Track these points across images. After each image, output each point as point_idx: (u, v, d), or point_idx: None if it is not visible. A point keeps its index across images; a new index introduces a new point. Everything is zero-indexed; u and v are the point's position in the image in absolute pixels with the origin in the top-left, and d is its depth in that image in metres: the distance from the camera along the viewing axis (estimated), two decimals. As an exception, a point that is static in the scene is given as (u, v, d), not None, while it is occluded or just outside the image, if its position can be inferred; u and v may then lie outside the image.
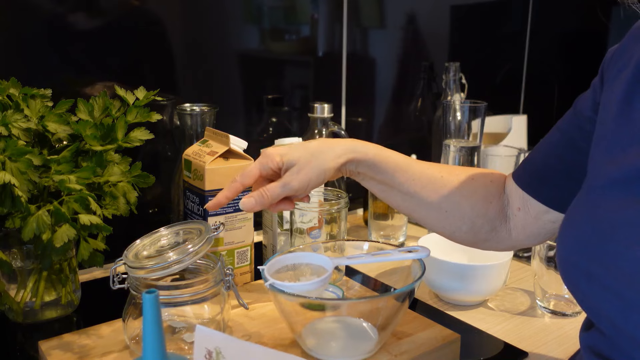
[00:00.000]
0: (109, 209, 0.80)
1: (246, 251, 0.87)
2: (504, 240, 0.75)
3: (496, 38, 1.63)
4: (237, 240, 0.86)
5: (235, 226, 0.85)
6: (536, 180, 0.71)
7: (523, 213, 0.72)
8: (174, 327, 0.75)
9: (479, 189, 0.74)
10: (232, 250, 0.86)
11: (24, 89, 0.79)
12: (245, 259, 0.87)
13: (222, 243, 0.85)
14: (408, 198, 0.73)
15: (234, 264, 0.86)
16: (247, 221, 0.86)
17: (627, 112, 0.55)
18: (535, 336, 0.83)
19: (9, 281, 0.81)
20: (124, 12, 1.00)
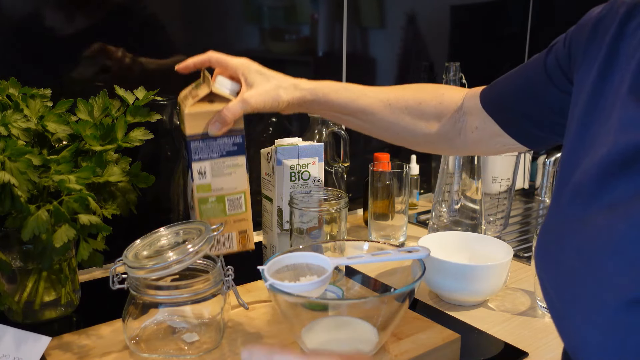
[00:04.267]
0: (108, 209, 0.80)
1: (239, 198, 0.79)
2: (458, 149, 0.85)
3: (496, 38, 1.63)
4: (227, 187, 0.78)
5: (224, 172, 0.78)
6: (500, 104, 0.77)
7: (479, 132, 0.79)
8: (174, 327, 0.75)
9: (427, 110, 0.82)
10: (221, 196, 0.78)
11: (24, 89, 0.79)
12: (238, 206, 0.79)
13: (209, 189, 0.77)
14: (360, 124, 0.85)
15: (225, 211, 0.79)
16: (238, 168, 0.78)
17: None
18: (535, 336, 0.83)
19: (9, 281, 0.81)
20: (124, 12, 1.00)
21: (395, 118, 0.82)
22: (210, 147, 0.76)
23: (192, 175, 0.76)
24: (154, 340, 0.74)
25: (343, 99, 0.81)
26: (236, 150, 0.77)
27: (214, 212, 0.78)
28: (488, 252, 0.94)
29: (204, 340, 0.74)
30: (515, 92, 0.75)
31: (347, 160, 1.15)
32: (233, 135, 0.77)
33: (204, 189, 0.77)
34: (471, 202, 1.10)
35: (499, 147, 0.80)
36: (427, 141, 0.84)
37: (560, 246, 0.52)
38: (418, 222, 1.30)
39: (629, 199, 0.46)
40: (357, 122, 0.84)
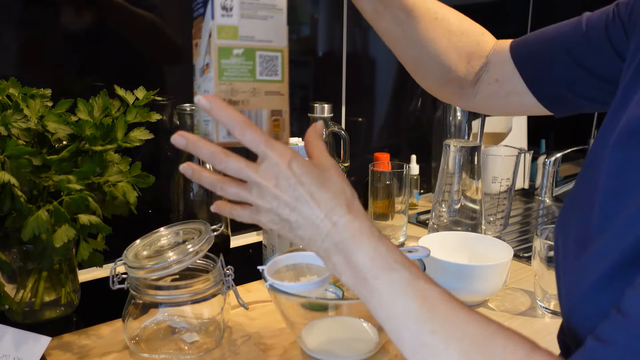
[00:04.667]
0: (108, 209, 0.80)
1: (275, 59, 0.57)
2: (465, 99, 0.77)
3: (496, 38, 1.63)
4: (259, 37, 0.56)
5: (257, 14, 0.56)
6: (532, 60, 0.70)
7: (498, 85, 0.73)
8: (174, 327, 0.75)
9: (465, 44, 0.74)
10: (251, 49, 0.56)
11: (24, 89, 0.79)
12: (273, 70, 0.57)
13: (235, 34, 0.55)
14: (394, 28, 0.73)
15: (255, 73, 0.56)
16: (276, 12, 0.57)
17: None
18: (535, 336, 0.82)
19: (9, 281, 0.81)
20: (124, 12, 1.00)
21: (435, 37, 0.72)
22: None
23: (212, 9, 0.55)
24: (154, 340, 0.74)
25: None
26: None
27: (238, 71, 0.55)
28: (488, 252, 0.94)
29: (203, 340, 0.74)
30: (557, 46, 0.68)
31: (347, 160, 1.15)
32: None
33: (227, 33, 0.55)
34: (471, 202, 1.10)
35: (513, 107, 0.74)
36: (446, 79, 0.75)
37: (571, 215, 0.53)
38: (418, 222, 1.30)
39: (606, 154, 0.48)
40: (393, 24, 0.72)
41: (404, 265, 0.51)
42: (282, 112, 0.58)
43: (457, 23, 0.74)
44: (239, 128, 0.51)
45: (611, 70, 0.62)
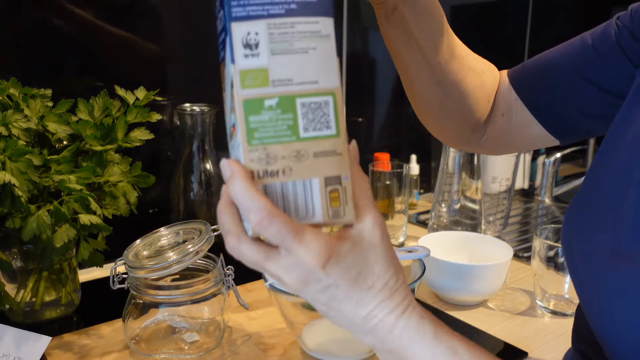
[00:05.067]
0: (109, 209, 0.80)
1: (324, 104, 0.42)
2: (474, 141, 0.72)
3: (496, 38, 1.63)
4: (299, 79, 0.41)
5: (292, 46, 0.41)
6: (533, 84, 0.67)
7: (505, 120, 0.69)
8: (174, 327, 0.75)
9: (487, 83, 0.69)
10: (289, 98, 0.41)
11: (24, 89, 0.79)
12: (323, 121, 0.42)
13: (265, 80, 0.41)
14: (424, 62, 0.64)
15: (297, 131, 0.41)
16: (320, 40, 0.42)
17: None
18: (535, 336, 0.83)
19: (9, 281, 0.81)
20: (124, 12, 1.00)
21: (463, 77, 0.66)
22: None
23: (230, 50, 0.41)
24: (154, 340, 0.74)
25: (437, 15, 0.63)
26: (315, 5, 0.42)
27: (274, 130, 0.41)
28: (488, 252, 0.94)
29: (204, 340, 0.74)
30: (564, 66, 0.64)
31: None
32: None
33: (254, 79, 0.41)
34: (471, 202, 1.10)
35: (520, 141, 0.70)
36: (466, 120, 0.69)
37: (592, 219, 0.51)
38: (418, 222, 1.30)
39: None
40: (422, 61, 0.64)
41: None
42: (342, 179, 0.42)
43: (475, 60, 0.70)
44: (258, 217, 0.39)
45: (624, 82, 0.60)
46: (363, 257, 0.42)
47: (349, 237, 0.42)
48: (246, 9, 0.41)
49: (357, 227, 0.42)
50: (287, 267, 0.41)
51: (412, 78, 0.68)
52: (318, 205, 0.41)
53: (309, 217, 0.41)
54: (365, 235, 0.42)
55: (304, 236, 0.39)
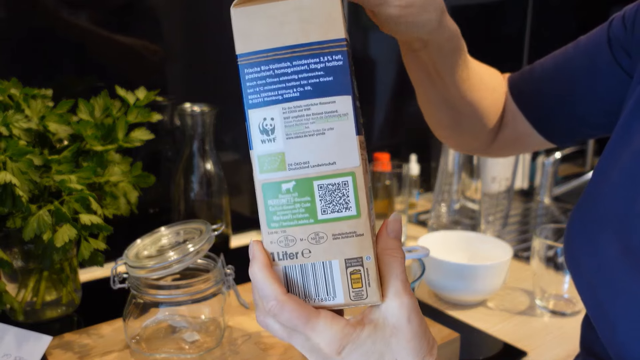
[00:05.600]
0: (109, 209, 0.80)
1: (342, 186, 0.41)
2: (484, 147, 0.73)
3: (496, 39, 1.63)
4: (315, 161, 0.41)
5: (308, 129, 0.41)
6: (531, 98, 0.67)
7: (509, 129, 0.70)
8: (175, 327, 0.76)
9: (498, 99, 0.70)
10: (306, 181, 0.41)
11: (25, 89, 0.79)
12: (342, 202, 0.41)
13: (282, 164, 0.41)
14: (443, 89, 0.64)
15: (315, 214, 0.41)
16: (336, 120, 0.41)
17: None
18: (534, 336, 0.83)
19: (10, 281, 0.81)
20: (124, 12, 1.00)
21: (480, 96, 0.66)
22: (281, 78, 0.41)
23: (249, 135, 0.42)
24: (155, 340, 0.74)
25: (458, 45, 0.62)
26: (331, 84, 0.41)
27: (291, 213, 0.42)
28: (487, 252, 0.94)
29: (204, 339, 0.75)
30: (558, 78, 0.65)
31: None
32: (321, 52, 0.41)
33: (272, 163, 0.42)
34: (471, 202, 1.10)
35: (522, 147, 0.72)
36: (479, 133, 0.70)
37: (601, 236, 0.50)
38: (418, 222, 1.30)
39: None
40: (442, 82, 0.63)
41: None
42: (364, 259, 0.41)
43: (489, 78, 0.69)
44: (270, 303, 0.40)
45: (622, 91, 0.60)
46: (385, 343, 0.40)
47: (371, 321, 0.41)
48: (261, 96, 0.41)
49: (382, 309, 0.41)
50: (308, 349, 0.41)
51: (429, 101, 0.67)
52: (339, 286, 0.41)
53: (330, 298, 0.41)
54: (390, 319, 0.40)
55: (317, 323, 0.40)
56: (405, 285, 0.41)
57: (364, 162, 0.41)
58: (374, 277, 0.41)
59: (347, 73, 0.40)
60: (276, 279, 0.41)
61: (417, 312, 0.41)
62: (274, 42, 0.41)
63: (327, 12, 0.40)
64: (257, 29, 0.41)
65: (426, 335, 0.41)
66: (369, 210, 0.41)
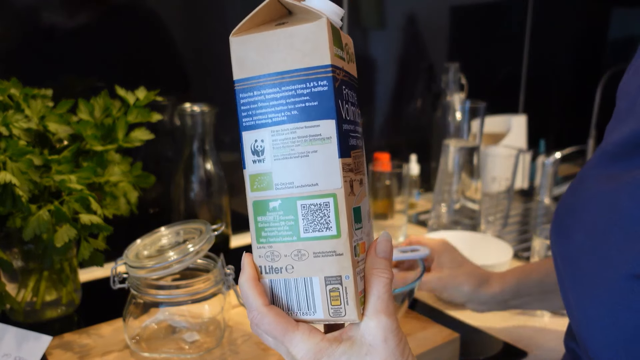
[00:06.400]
0: (109, 209, 0.80)
1: (324, 207, 0.43)
2: None
3: (496, 39, 1.63)
4: (299, 182, 0.43)
5: (293, 151, 0.43)
6: None
7: None
8: (175, 327, 0.76)
9: None
10: (290, 200, 0.43)
11: (25, 89, 0.79)
12: (323, 223, 0.43)
13: (269, 184, 0.44)
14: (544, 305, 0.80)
15: (298, 232, 0.43)
16: (320, 143, 0.43)
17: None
18: (534, 336, 0.83)
19: (10, 281, 0.81)
20: (124, 12, 1.00)
21: None
22: (270, 102, 0.43)
23: (242, 155, 0.45)
24: (155, 340, 0.74)
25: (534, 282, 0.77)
26: (316, 108, 0.42)
27: (277, 230, 0.44)
28: (488, 252, 0.94)
29: (204, 339, 0.75)
30: None
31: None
32: (308, 78, 0.42)
33: (261, 182, 0.44)
34: (470, 202, 1.10)
35: None
36: None
37: (572, 220, 0.52)
38: (418, 222, 1.30)
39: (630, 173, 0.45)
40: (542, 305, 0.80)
41: None
42: (343, 278, 0.42)
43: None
44: (252, 313, 0.43)
45: None
46: (361, 348, 0.42)
47: (349, 338, 0.42)
48: (253, 119, 0.44)
49: (361, 327, 0.42)
50: (286, 355, 0.43)
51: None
52: (319, 302, 0.43)
53: (310, 313, 0.43)
54: (366, 337, 0.42)
55: (294, 336, 0.42)
56: (386, 305, 0.42)
57: (349, 184, 0.43)
58: (352, 295, 0.42)
59: (332, 98, 0.42)
60: (260, 292, 0.43)
61: (395, 333, 0.42)
62: (266, 68, 0.43)
63: (315, 40, 0.42)
64: (251, 56, 0.44)
65: (402, 356, 0.42)
66: (351, 231, 0.43)
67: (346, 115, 0.43)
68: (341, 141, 0.42)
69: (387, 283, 0.43)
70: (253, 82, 0.44)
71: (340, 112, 0.42)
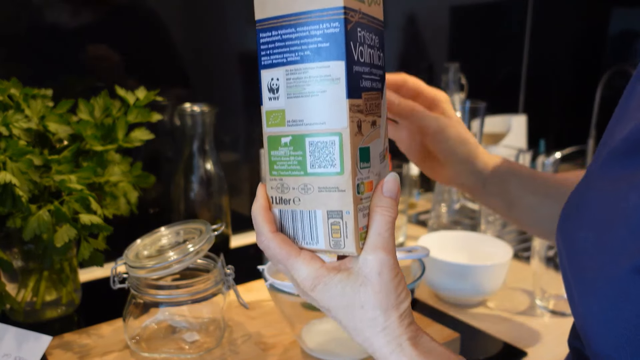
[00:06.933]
0: (109, 209, 0.80)
1: (330, 144, 0.45)
2: None
3: (496, 38, 1.63)
4: (308, 120, 0.45)
5: (304, 90, 0.45)
6: None
7: None
8: (175, 327, 0.76)
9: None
10: (299, 137, 0.46)
11: (25, 89, 0.79)
12: (328, 160, 0.45)
13: (282, 120, 0.46)
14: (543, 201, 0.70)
15: (305, 167, 0.46)
16: (329, 83, 0.44)
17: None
18: (534, 336, 0.83)
19: (10, 281, 0.81)
20: (124, 12, 1.00)
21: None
22: (286, 42, 0.45)
23: (260, 93, 0.48)
24: (155, 340, 0.74)
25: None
26: (327, 49, 0.44)
27: (287, 164, 0.47)
28: (488, 252, 0.94)
29: (204, 339, 0.75)
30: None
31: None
32: (321, 20, 0.44)
33: (275, 118, 0.47)
34: (471, 202, 1.10)
35: None
36: None
37: (578, 218, 0.52)
38: (418, 222, 1.30)
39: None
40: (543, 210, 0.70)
41: None
42: (343, 213, 0.45)
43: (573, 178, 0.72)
44: (261, 238, 0.47)
45: None
46: (354, 290, 0.44)
47: (347, 268, 0.45)
48: (271, 58, 0.46)
49: (359, 260, 0.45)
50: (292, 281, 0.47)
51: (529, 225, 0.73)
52: (321, 234, 0.46)
53: (313, 242, 0.46)
54: (363, 270, 0.44)
55: (297, 260, 0.45)
56: (386, 241, 0.44)
57: (356, 124, 0.45)
58: (351, 230, 0.45)
59: (342, 40, 0.43)
60: (270, 219, 0.47)
61: (390, 268, 0.44)
62: (284, 9, 0.45)
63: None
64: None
65: (396, 290, 0.44)
66: (355, 169, 0.45)
67: (359, 58, 0.45)
68: (350, 82, 0.44)
69: (389, 221, 0.45)
70: (272, 22, 0.45)
71: (351, 54, 0.44)
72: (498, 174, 0.71)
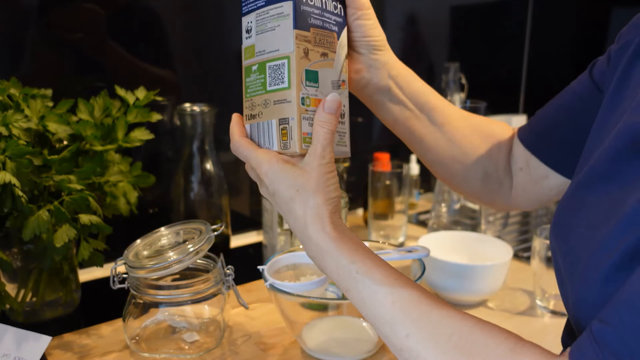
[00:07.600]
0: (109, 209, 0.80)
1: (281, 66, 0.56)
2: (505, 198, 0.75)
3: (496, 38, 1.63)
4: (269, 49, 0.57)
5: (267, 27, 0.57)
6: (541, 139, 0.70)
7: (524, 174, 0.72)
8: (175, 327, 0.76)
9: (494, 133, 0.73)
10: (263, 63, 0.57)
11: (25, 89, 0.79)
12: (279, 78, 0.56)
13: (253, 52, 0.58)
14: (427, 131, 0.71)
15: (266, 86, 0.57)
16: (281, 19, 0.56)
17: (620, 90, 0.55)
18: (535, 336, 0.82)
19: (10, 281, 0.81)
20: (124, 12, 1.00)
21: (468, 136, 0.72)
22: None
23: (242, 35, 0.60)
24: (155, 340, 0.74)
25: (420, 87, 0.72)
26: None
27: (255, 86, 0.59)
28: (488, 252, 0.94)
29: (204, 339, 0.75)
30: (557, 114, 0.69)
31: (347, 160, 1.16)
32: None
33: (248, 53, 0.59)
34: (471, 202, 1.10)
35: (545, 193, 0.72)
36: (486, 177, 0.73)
37: (574, 218, 0.53)
38: (418, 222, 1.30)
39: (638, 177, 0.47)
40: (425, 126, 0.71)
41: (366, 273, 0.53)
42: (289, 120, 0.56)
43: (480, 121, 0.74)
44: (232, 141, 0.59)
45: None
46: (295, 176, 0.55)
47: (294, 163, 0.56)
48: (248, 6, 0.59)
49: (304, 159, 0.56)
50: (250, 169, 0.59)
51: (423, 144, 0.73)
52: (275, 137, 0.57)
53: (271, 146, 0.57)
54: (304, 164, 0.55)
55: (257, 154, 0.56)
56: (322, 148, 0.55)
57: (303, 50, 0.55)
58: (295, 133, 0.55)
59: None
60: (241, 129, 0.60)
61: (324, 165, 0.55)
62: None
63: None
64: None
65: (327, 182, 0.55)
66: (300, 85, 0.55)
67: (309, 1, 0.56)
68: (297, 17, 0.55)
69: (327, 132, 0.55)
70: None
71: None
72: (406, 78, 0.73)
